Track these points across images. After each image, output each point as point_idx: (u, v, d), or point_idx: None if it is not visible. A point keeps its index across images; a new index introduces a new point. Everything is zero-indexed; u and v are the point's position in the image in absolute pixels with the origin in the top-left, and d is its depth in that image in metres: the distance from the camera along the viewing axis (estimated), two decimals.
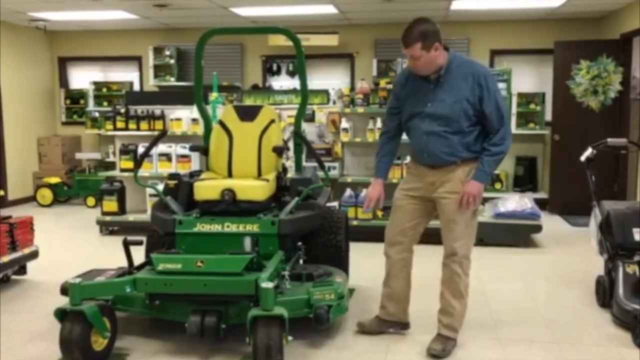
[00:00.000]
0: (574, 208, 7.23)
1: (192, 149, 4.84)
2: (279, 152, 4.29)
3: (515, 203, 6.18)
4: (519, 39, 8.63)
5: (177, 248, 3.78)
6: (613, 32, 7.77)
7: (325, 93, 6.70)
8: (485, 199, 6.91)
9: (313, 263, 3.95)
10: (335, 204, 6.03)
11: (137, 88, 9.64)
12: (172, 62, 9.01)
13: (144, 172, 6.39)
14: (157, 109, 6.71)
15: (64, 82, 9.95)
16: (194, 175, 4.32)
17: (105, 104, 9.30)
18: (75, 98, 9.81)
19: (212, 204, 3.91)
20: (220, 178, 4.21)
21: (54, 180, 8.69)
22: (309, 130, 6.40)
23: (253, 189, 3.94)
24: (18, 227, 4.75)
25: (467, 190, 3.26)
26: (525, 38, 8.60)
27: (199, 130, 6.16)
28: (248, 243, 3.78)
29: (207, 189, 3.94)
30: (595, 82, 7.13)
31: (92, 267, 4.16)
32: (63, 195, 8.79)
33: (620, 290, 3.87)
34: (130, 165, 6.55)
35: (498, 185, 8.30)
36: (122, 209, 6.69)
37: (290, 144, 4.71)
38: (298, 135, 4.52)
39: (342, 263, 4.19)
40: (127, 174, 6.58)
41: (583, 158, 4.54)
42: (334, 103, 6.68)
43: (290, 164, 4.88)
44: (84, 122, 9.42)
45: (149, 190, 6.35)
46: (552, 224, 6.89)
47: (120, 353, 3.44)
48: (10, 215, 4.93)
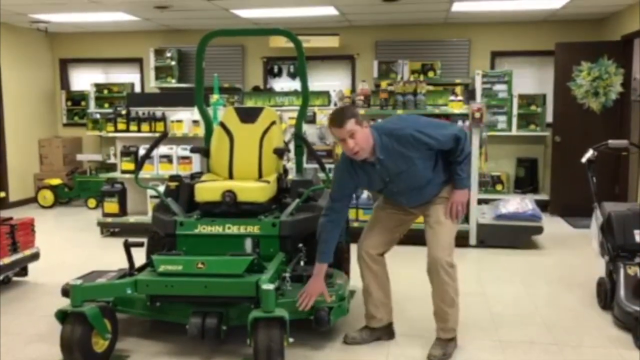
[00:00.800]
0: (575, 210, 7.22)
1: (193, 151, 4.84)
2: (280, 153, 4.30)
3: (516, 205, 6.18)
4: (520, 41, 8.64)
5: (178, 249, 3.78)
6: (614, 33, 7.77)
7: (326, 95, 6.72)
8: (486, 201, 6.94)
9: (314, 265, 3.94)
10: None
11: (138, 90, 9.65)
12: (173, 63, 9.02)
13: (145, 173, 6.39)
14: (158, 111, 6.71)
15: (65, 83, 9.96)
16: (195, 177, 4.32)
17: (107, 106, 9.31)
18: (77, 100, 9.82)
19: (213, 206, 3.91)
20: (221, 180, 4.20)
21: (55, 182, 8.70)
22: (310, 132, 6.40)
23: (254, 191, 3.94)
24: (19, 228, 4.75)
25: (454, 200, 3.36)
26: (526, 39, 8.60)
27: (200, 132, 6.17)
28: (249, 244, 3.78)
29: (208, 191, 3.94)
30: (596, 83, 7.14)
31: (93, 268, 4.17)
32: (64, 197, 8.80)
33: (622, 292, 3.87)
34: (131, 167, 6.55)
35: (499, 187, 8.31)
36: (123, 211, 6.70)
37: (291, 146, 4.71)
38: (299, 137, 4.52)
39: (342, 265, 4.18)
40: (128, 176, 6.58)
41: (584, 159, 4.54)
42: (335, 105, 6.68)
43: (291, 166, 4.88)
44: (85, 123, 9.43)
45: (150, 192, 6.35)
46: (553, 226, 6.88)
47: (121, 355, 3.44)
48: (11, 217, 4.94)
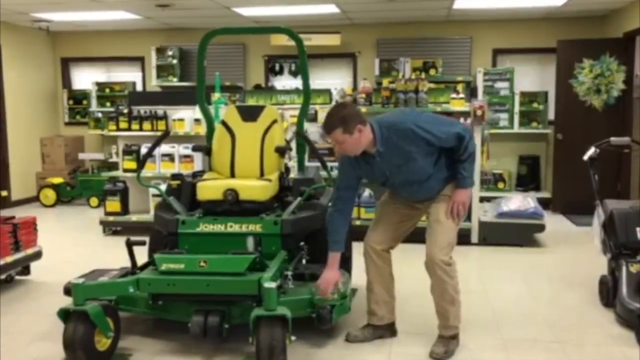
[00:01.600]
0: (577, 207, 7.21)
1: (194, 149, 4.84)
2: (282, 152, 4.29)
3: (518, 202, 6.17)
4: (522, 38, 8.62)
5: (180, 248, 3.78)
6: (616, 30, 7.75)
7: (328, 93, 6.70)
8: (488, 199, 6.93)
9: (316, 263, 3.95)
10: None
11: (139, 88, 9.65)
12: (174, 62, 9.02)
13: (147, 172, 6.39)
14: (159, 109, 6.71)
15: (67, 82, 9.97)
16: (197, 176, 4.32)
17: (108, 105, 9.31)
18: (78, 98, 9.83)
19: (214, 204, 3.91)
20: (223, 178, 4.21)
21: (57, 181, 8.71)
22: (312, 130, 6.39)
23: (256, 189, 3.94)
24: (21, 227, 4.76)
25: (456, 199, 3.35)
26: (528, 37, 8.59)
27: (202, 131, 6.17)
28: (251, 243, 3.78)
29: (209, 189, 3.95)
30: (598, 81, 7.13)
31: (95, 267, 4.17)
32: (66, 196, 8.81)
33: (624, 290, 3.86)
34: (133, 166, 6.54)
35: (501, 185, 8.30)
36: (125, 209, 6.70)
37: (293, 144, 4.71)
38: (300, 135, 4.52)
39: (344, 263, 4.17)
40: (130, 174, 6.58)
41: (586, 157, 4.54)
42: (337, 103, 6.68)
43: (293, 164, 4.87)
44: (87, 122, 9.44)
45: (152, 191, 6.36)
46: (555, 224, 6.88)
47: (124, 353, 3.44)
48: (14, 216, 4.95)
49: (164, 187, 4.39)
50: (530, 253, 5.85)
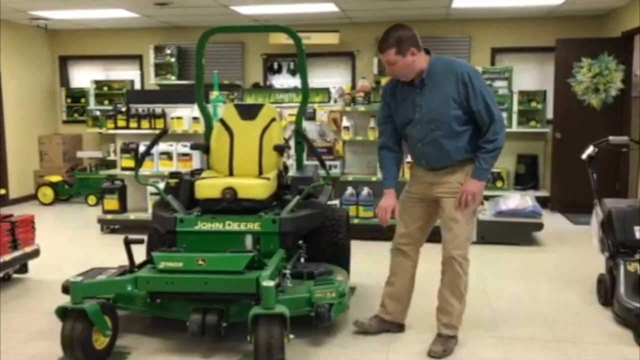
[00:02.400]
0: (576, 206, 7.23)
1: (193, 148, 4.84)
2: (280, 150, 4.29)
3: (517, 201, 6.18)
4: (520, 37, 8.62)
5: (178, 246, 3.78)
6: (614, 29, 7.76)
7: (326, 91, 6.69)
8: (487, 197, 6.93)
9: (314, 261, 3.95)
10: (337, 203, 6.03)
11: (138, 87, 9.64)
12: (173, 60, 9.02)
13: (145, 170, 6.38)
14: (158, 108, 6.71)
15: (65, 80, 9.95)
16: (195, 174, 4.32)
17: (106, 103, 9.30)
18: (76, 97, 9.81)
19: (213, 203, 3.91)
20: (221, 176, 4.20)
21: (55, 179, 8.70)
22: (310, 129, 6.40)
23: (254, 188, 3.94)
24: (19, 225, 4.75)
25: (466, 189, 3.27)
26: (527, 36, 8.59)
27: (200, 129, 6.16)
28: (249, 241, 3.78)
29: (208, 188, 3.94)
30: (597, 80, 7.13)
31: (93, 265, 4.17)
32: (64, 194, 8.80)
33: (622, 289, 3.87)
34: (131, 164, 6.54)
35: (499, 184, 8.30)
36: (123, 208, 6.70)
37: (291, 143, 4.71)
38: (299, 134, 4.52)
39: (343, 261, 4.19)
40: (128, 173, 6.58)
41: (584, 156, 4.54)
42: (335, 101, 6.68)
43: (292, 163, 4.87)
44: (85, 120, 9.43)
45: (150, 189, 6.36)
46: (553, 222, 6.88)
47: (122, 352, 3.44)
48: (12, 214, 4.93)
49: (162, 185, 4.38)
50: (529, 252, 5.85)
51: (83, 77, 9.89)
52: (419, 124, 3.31)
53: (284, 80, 9.30)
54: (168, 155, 6.51)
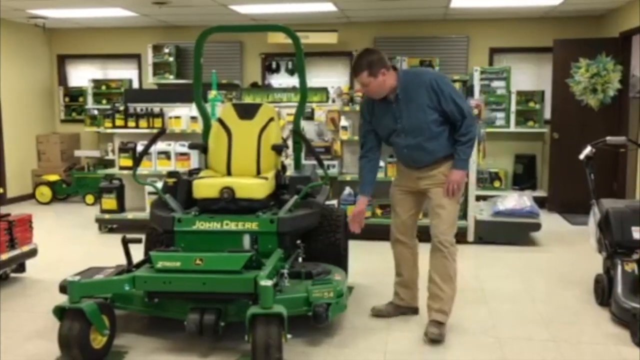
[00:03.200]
0: (573, 206, 7.23)
1: (191, 147, 4.83)
2: (278, 150, 4.29)
3: (514, 201, 6.18)
4: (519, 37, 8.63)
5: (176, 246, 3.78)
6: (612, 30, 7.77)
7: (325, 91, 6.69)
8: (484, 197, 6.94)
9: (312, 261, 3.95)
10: (335, 202, 6.03)
11: (136, 86, 9.63)
12: (171, 59, 9.00)
13: (143, 170, 6.38)
14: (156, 107, 6.71)
15: (63, 79, 9.94)
16: (193, 173, 4.32)
17: (104, 102, 9.28)
18: (74, 96, 9.80)
19: (211, 202, 3.90)
20: (219, 176, 4.20)
21: (53, 178, 8.69)
22: (308, 129, 6.39)
23: (252, 187, 3.94)
24: (17, 224, 4.74)
25: (451, 179, 3.58)
26: (525, 36, 8.60)
27: (198, 128, 6.16)
28: (247, 241, 3.78)
29: (206, 187, 3.94)
30: (595, 80, 7.13)
31: (91, 265, 4.16)
32: (62, 193, 8.79)
33: (619, 289, 3.88)
34: (129, 163, 6.54)
35: (497, 184, 8.31)
36: (121, 207, 6.69)
37: (290, 142, 4.70)
38: (297, 134, 4.51)
39: (341, 261, 4.18)
40: (126, 172, 6.57)
41: (582, 156, 4.54)
42: (333, 101, 6.67)
43: (290, 162, 4.87)
44: (83, 119, 9.40)
45: (148, 188, 6.35)
46: (551, 222, 6.89)
47: (119, 351, 3.43)
48: (9, 213, 4.93)
49: (160, 184, 4.38)
50: (526, 252, 5.86)
51: (81, 76, 9.87)
52: (402, 133, 3.62)
53: (282, 80, 9.30)
54: (166, 155, 6.51)
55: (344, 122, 6.37)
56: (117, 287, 3.45)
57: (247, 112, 4.39)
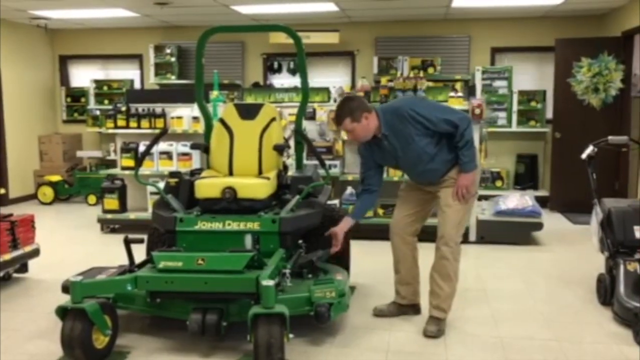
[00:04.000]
0: (575, 206, 7.23)
1: (192, 147, 4.84)
2: (280, 150, 4.29)
3: (516, 201, 6.18)
4: (520, 37, 8.63)
5: (178, 246, 3.78)
6: (614, 29, 7.76)
7: (326, 91, 6.69)
8: (486, 197, 6.94)
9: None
10: (336, 202, 6.04)
11: (137, 86, 9.65)
12: (172, 60, 9.01)
13: (145, 170, 6.39)
14: (158, 107, 6.71)
15: (65, 80, 9.95)
16: (195, 174, 4.32)
17: (106, 102, 9.30)
18: (76, 96, 9.81)
19: (213, 202, 3.91)
20: (221, 176, 4.20)
21: (55, 178, 8.70)
22: (310, 129, 6.39)
23: (254, 187, 3.94)
24: (19, 225, 4.75)
25: (460, 183, 3.59)
26: (526, 35, 8.59)
27: (200, 129, 6.16)
28: (249, 241, 3.78)
29: (208, 187, 3.94)
30: (596, 79, 7.12)
31: (93, 265, 4.17)
32: (64, 193, 8.80)
33: (621, 288, 3.87)
34: (131, 164, 6.55)
35: (499, 183, 8.31)
36: (123, 207, 6.70)
37: (291, 142, 4.70)
38: (299, 134, 4.52)
39: (343, 261, 4.19)
40: (128, 172, 6.58)
41: (584, 156, 4.54)
42: (335, 101, 6.67)
43: (291, 162, 4.87)
44: (85, 120, 9.43)
45: (150, 189, 6.36)
46: (553, 222, 6.88)
47: (122, 351, 3.44)
48: (12, 213, 4.93)
49: (162, 185, 4.38)
50: (528, 251, 5.85)
51: (83, 76, 9.88)
52: (404, 163, 3.71)
53: (284, 80, 9.30)
54: (168, 155, 6.51)
55: None
56: (119, 287, 3.45)
57: (248, 112, 4.39)
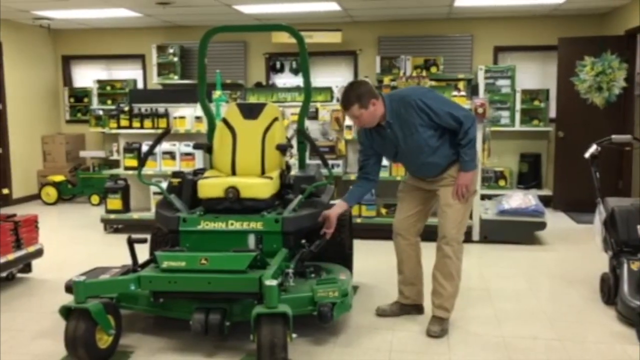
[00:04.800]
0: (578, 205, 7.21)
1: (195, 147, 4.84)
2: (283, 149, 4.29)
3: (519, 200, 6.17)
4: (523, 36, 8.61)
5: (181, 246, 3.78)
6: (617, 28, 7.74)
7: (329, 90, 6.69)
8: (489, 196, 6.93)
9: (317, 261, 3.95)
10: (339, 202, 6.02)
11: (140, 86, 9.66)
12: (175, 60, 9.03)
13: (148, 170, 6.40)
14: (160, 107, 6.72)
15: (68, 80, 9.97)
16: (198, 173, 4.32)
17: (109, 102, 9.32)
18: (79, 96, 9.83)
19: (215, 202, 3.91)
20: (224, 176, 4.21)
21: (59, 179, 8.72)
22: (313, 128, 6.39)
23: (257, 187, 3.94)
24: (23, 225, 4.76)
25: (459, 182, 3.58)
26: (529, 34, 8.58)
27: (203, 128, 6.17)
28: (252, 241, 3.78)
29: (210, 187, 3.95)
30: (600, 78, 7.10)
31: (96, 265, 4.17)
32: (67, 194, 8.82)
33: (625, 287, 3.86)
34: (134, 164, 6.55)
35: (502, 182, 8.30)
36: (126, 207, 6.71)
37: (294, 142, 4.71)
38: (301, 133, 4.52)
39: (346, 260, 4.19)
40: (131, 172, 6.58)
41: (587, 155, 4.53)
42: (337, 100, 6.66)
43: (294, 162, 4.88)
44: (88, 120, 9.42)
45: (153, 189, 6.37)
46: (556, 221, 6.87)
47: (125, 351, 3.44)
48: (15, 214, 4.95)
49: (165, 185, 4.38)
50: (531, 251, 5.84)
51: (86, 76, 9.91)
52: (404, 154, 3.66)
53: (287, 80, 9.30)
54: (171, 155, 6.52)
55: (348, 121, 6.36)
56: (122, 287, 3.45)
57: (251, 112, 4.39)
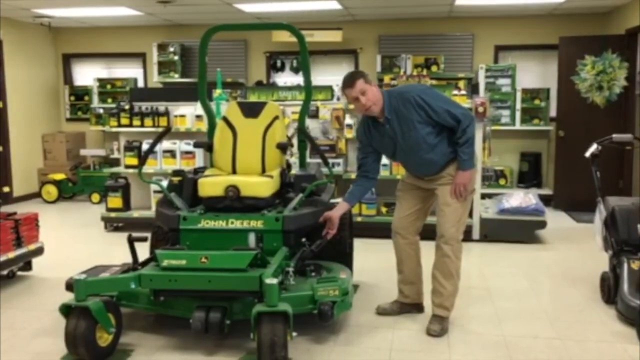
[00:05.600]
0: (579, 204, 7.22)
1: (196, 146, 4.84)
2: (283, 148, 4.29)
3: (520, 199, 6.17)
4: (524, 35, 8.61)
5: (181, 244, 3.78)
6: (618, 27, 7.73)
7: (329, 89, 6.69)
8: (490, 195, 6.93)
9: (317, 259, 3.95)
10: (339, 200, 6.02)
11: (141, 84, 9.66)
12: (176, 58, 9.02)
13: (148, 168, 6.41)
14: (161, 106, 6.72)
15: (69, 78, 9.97)
16: (198, 172, 4.32)
17: (110, 101, 9.32)
18: (80, 95, 9.83)
19: (216, 200, 3.91)
20: (224, 174, 4.21)
21: (59, 177, 8.72)
22: (313, 127, 6.39)
23: (257, 186, 3.94)
24: (23, 223, 4.76)
25: (457, 181, 3.57)
26: (530, 34, 8.57)
27: (203, 127, 6.17)
28: (252, 239, 3.78)
29: (211, 186, 3.95)
30: (600, 77, 7.10)
31: (97, 263, 4.17)
32: (68, 192, 8.82)
33: (625, 287, 3.86)
34: (135, 162, 6.55)
35: (502, 181, 8.30)
36: (126, 206, 6.71)
37: (294, 141, 4.71)
38: (302, 132, 4.52)
39: (346, 259, 4.19)
40: (131, 171, 6.58)
41: (588, 154, 4.53)
42: (338, 99, 6.66)
43: (294, 161, 4.88)
44: (89, 118, 9.43)
45: (154, 187, 6.37)
46: (556, 220, 6.87)
47: (125, 349, 3.45)
48: (16, 212, 4.96)
49: (166, 183, 4.39)
50: (532, 250, 5.84)
51: (86, 75, 9.91)
52: (402, 151, 3.65)
53: (287, 78, 9.30)
54: (171, 153, 6.53)
55: (349, 120, 6.36)
56: (123, 285, 3.45)
57: (252, 110, 4.39)
